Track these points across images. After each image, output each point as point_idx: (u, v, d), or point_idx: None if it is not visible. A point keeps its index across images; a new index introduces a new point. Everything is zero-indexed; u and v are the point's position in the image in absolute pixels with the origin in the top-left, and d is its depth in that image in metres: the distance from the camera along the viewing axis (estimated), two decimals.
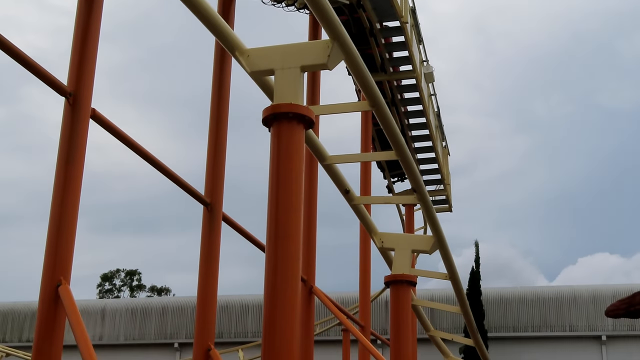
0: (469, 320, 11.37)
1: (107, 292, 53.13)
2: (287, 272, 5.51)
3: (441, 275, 9.81)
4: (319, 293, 12.06)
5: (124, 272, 54.22)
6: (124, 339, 32.87)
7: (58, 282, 6.99)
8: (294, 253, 5.57)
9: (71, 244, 7.24)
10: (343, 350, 22.87)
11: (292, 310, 5.45)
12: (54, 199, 7.29)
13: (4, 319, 34.53)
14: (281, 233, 5.59)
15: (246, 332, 31.87)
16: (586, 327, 29.68)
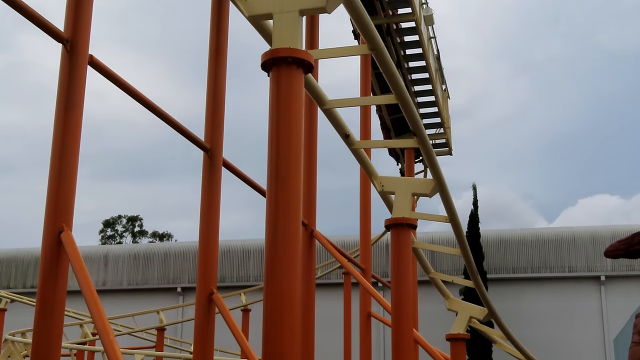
0: (468, 262, 11.45)
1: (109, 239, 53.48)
2: (288, 216, 5.54)
3: (441, 218, 9.84)
4: (320, 237, 12.14)
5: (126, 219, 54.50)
6: (127, 284, 33.20)
7: (60, 229, 7.04)
8: (294, 197, 5.59)
9: (72, 190, 7.27)
10: (344, 293, 23.10)
11: (294, 254, 5.50)
12: (54, 146, 7.30)
13: (7, 265, 34.82)
14: (281, 177, 5.61)
15: (248, 276, 32.16)
16: (585, 268, 29.94)
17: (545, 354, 23.35)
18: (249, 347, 9.89)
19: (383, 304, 12.74)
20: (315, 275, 12.68)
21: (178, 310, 29.99)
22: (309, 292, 11.41)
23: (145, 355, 19.99)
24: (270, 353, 5.30)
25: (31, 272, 34.04)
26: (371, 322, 16.42)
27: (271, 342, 5.33)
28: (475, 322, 12.88)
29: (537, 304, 29.34)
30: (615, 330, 26.73)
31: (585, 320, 28.92)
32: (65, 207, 7.17)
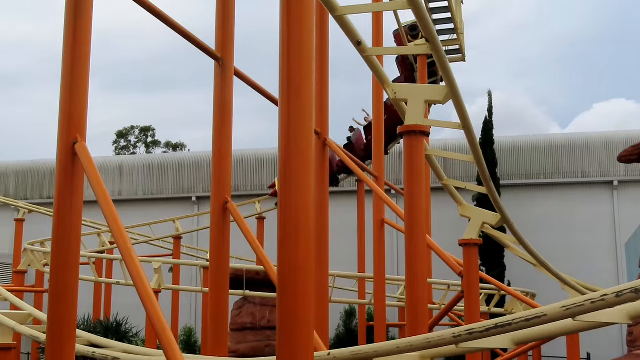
0: (481, 169, 11.47)
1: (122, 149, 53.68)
2: (300, 125, 5.54)
3: (454, 124, 9.82)
4: (333, 145, 12.17)
5: (138, 129, 54.57)
6: (142, 194, 33.51)
7: (74, 140, 7.08)
8: (306, 106, 5.58)
9: (84, 101, 7.28)
10: (358, 200, 23.28)
11: (307, 162, 5.52)
12: (65, 56, 7.27)
13: (24, 177, 35.14)
14: (293, 86, 5.58)
15: (262, 185, 32.36)
16: (598, 173, 29.94)
17: (557, 258, 23.56)
18: (264, 254, 10.05)
19: (396, 210, 12.84)
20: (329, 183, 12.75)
21: (194, 219, 30.33)
22: (322, 200, 11.50)
23: (163, 263, 20.35)
24: (285, 260, 5.39)
25: (47, 183, 34.35)
26: (385, 229, 16.59)
27: (286, 249, 5.41)
28: (488, 227, 12.99)
29: (550, 209, 29.48)
30: (626, 234, 26.89)
31: (597, 225, 29.08)
32: (78, 118, 7.20)
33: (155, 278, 18.54)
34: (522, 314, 5.43)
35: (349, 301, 22.46)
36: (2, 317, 11.37)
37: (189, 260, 27.30)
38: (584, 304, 5.08)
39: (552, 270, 15.02)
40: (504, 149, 30.35)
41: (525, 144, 30.90)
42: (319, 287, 10.89)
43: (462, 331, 5.79)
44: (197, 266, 22.25)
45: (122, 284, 19.83)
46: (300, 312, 5.24)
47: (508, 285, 23.19)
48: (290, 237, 5.40)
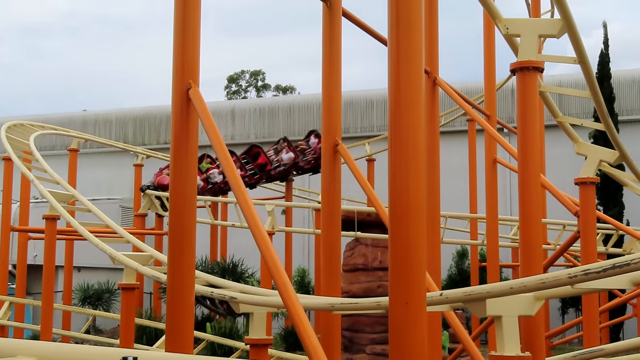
0: (598, 104, 11.09)
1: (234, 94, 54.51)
2: (410, 65, 5.49)
3: (569, 59, 9.50)
4: (443, 84, 11.99)
5: (249, 74, 55.19)
6: (254, 137, 34.01)
7: (188, 86, 7.23)
8: (416, 45, 5.51)
9: (197, 48, 7.41)
10: (469, 140, 22.99)
11: (417, 102, 5.47)
12: (176, 2, 7.40)
13: (140, 123, 36.21)
14: (402, 25, 5.51)
15: (372, 126, 32.31)
16: None
17: None
18: (375, 195, 10.09)
19: (509, 149, 12.61)
20: (439, 123, 12.62)
21: None
22: (433, 140, 11.40)
23: (276, 205, 20.73)
24: (397, 201, 5.39)
25: (163, 129, 35.30)
26: (497, 168, 16.35)
27: (397, 190, 5.41)
28: (606, 165, 12.62)
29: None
30: None
31: None
32: (191, 65, 7.34)
33: (269, 220, 18.92)
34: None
35: (461, 242, 22.36)
36: (126, 259, 11.88)
37: (301, 202, 27.68)
38: None
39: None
40: (622, 82, 29.20)
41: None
42: (431, 227, 10.87)
43: (578, 272, 5.67)
44: (309, 208, 22.61)
45: (237, 226, 20.34)
46: (412, 253, 5.26)
47: (626, 225, 22.54)
48: (401, 178, 5.39)
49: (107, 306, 26.49)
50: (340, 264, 9.99)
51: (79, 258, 25.44)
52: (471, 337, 9.69)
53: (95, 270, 28.48)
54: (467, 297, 6.50)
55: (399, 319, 5.20)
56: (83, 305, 25.99)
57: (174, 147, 7.31)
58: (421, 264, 5.28)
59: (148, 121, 36.12)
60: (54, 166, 17.12)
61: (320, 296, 9.81)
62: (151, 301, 27.33)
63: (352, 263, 19.89)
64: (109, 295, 26.96)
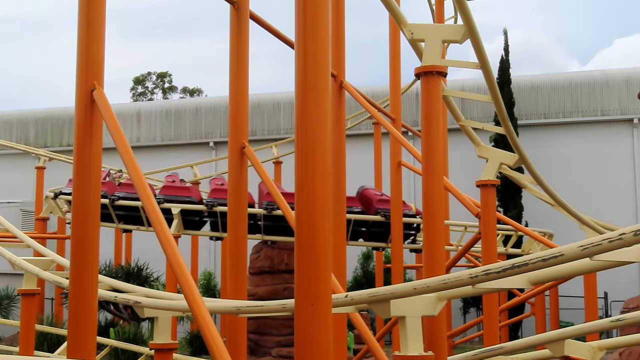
0: (499, 109, 11.40)
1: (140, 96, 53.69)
2: (316, 68, 5.53)
3: (472, 64, 9.73)
4: (349, 87, 12.11)
5: (155, 75, 54.47)
6: (160, 140, 33.61)
7: (92, 87, 7.09)
8: (323, 48, 5.56)
9: (101, 48, 7.27)
10: (374, 143, 23.28)
11: (323, 105, 5.52)
12: (81, 2, 7.25)
13: (43, 124, 35.27)
14: (309, 28, 5.55)
15: (279, 129, 32.35)
16: (618, 111, 29.66)
17: (575, 198, 23.52)
18: (281, 198, 10.10)
19: (413, 152, 12.84)
20: (346, 126, 12.74)
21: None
22: (339, 142, 11.50)
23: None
24: (303, 203, 5.42)
25: (67, 131, 34.48)
26: (402, 170, 16.61)
27: (304, 192, 5.44)
28: (506, 168, 12.98)
29: (568, 149, 29.30)
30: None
31: (616, 163, 28.90)
32: (96, 66, 7.20)
33: (175, 223, 18.71)
34: (539, 254, 5.46)
35: (366, 244, 22.61)
36: (26, 264, 11.55)
37: None
38: (601, 243, 5.09)
39: (569, 210, 15.03)
40: (521, 88, 30.09)
41: (544, 82, 30.61)
42: (337, 229, 10.96)
43: (479, 272, 5.83)
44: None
45: (142, 229, 20.04)
46: (318, 255, 5.29)
47: (525, 226, 23.23)
48: (307, 181, 5.43)
49: (7, 313, 25.71)
50: (246, 267, 9.96)
51: None
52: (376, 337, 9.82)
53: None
54: (372, 299, 6.59)
55: (304, 321, 5.23)
56: None
57: (77, 150, 7.15)
58: (327, 266, 5.33)
59: (51, 123, 35.22)
60: None
61: (226, 299, 9.76)
62: (52, 307, 26.65)
63: (258, 266, 19.86)
64: (8, 301, 26.18)
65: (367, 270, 27.30)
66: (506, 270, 5.65)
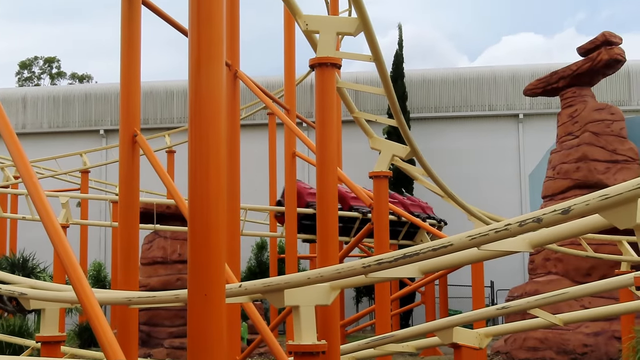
0: (392, 101, 11.56)
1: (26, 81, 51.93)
2: (210, 56, 5.46)
3: (365, 57, 9.82)
4: (244, 77, 12.05)
5: (43, 60, 52.79)
6: (47, 127, 32.63)
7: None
8: (217, 37, 5.49)
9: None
10: (269, 133, 23.25)
11: (217, 94, 5.46)
12: None
13: None
14: (203, 17, 5.47)
15: (172, 118, 31.92)
16: (505, 107, 30.63)
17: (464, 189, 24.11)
18: (174, 187, 9.97)
19: (308, 143, 12.88)
20: (240, 116, 12.68)
21: (102, 153, 29.77)
22: (233, 132, 11.43)
23: (71, 197, 19.97)
24: (197, 193, 5.35)
25: None
26: (296, 161, 16.66)
27: (197, 182, 5.38)
28: (398, 160, 13.18)
29: (458, 141, 30.06)
30: (531, 166, 27.73)
31: (503, 156, 29.86)
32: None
33: (63, 213, 18.21)
34: (429, 244, 5.57)
35: (260, 234, 22.59)
36: None
37: (97, 194, 26.87)
38: (488, 233, 5.23)
39: (458, 202, 15.40)
40: (414, 82, 30.67)
41: (435, 77, 31.28)
42: (231, 220, 10.90)
43: (371, 261, 5.90)
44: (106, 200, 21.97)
45: (28, 219, 19.41)
46: (211, 245, 5.24)
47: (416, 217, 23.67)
48: (201, 170, 5.36)
49: None
50: (138, 257, 9.79)
51: None
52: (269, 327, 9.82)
53: None
54: (266, 288, 6.58)
55: (198, 312, 5.18)
56: None
57: None
58: (220, 256, 5.28)
59: None
60: None
61: (116, 290, 9.57)
62: None
63: (150, 256, 19.59)
64: None
65: (261, 261, 27.31)
66: (398, 259, 5.74)
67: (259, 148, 25.02)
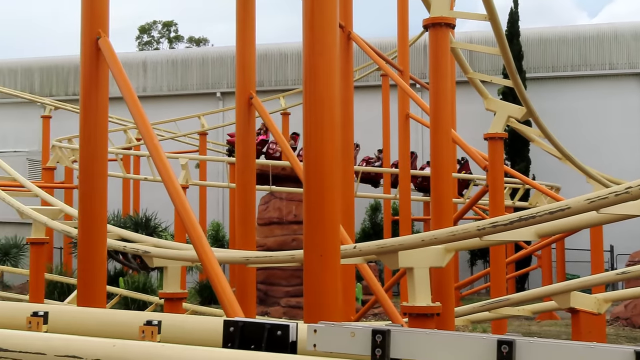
0: (507, 61, 11.32)
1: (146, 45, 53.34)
2: (324, 18, 5.48)
3: (480, 16, 9.64)
4: (357, 39, 12.02)
5: (161, 24, 54.05)
6: (167, 90, 33.48)
7: (97, 35, 7.05)
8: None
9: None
10: (382, 95, 23.16)
11: (331, 56, 5.48)
12: None
13: (48, 73, 35.14)
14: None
15: (286, 80, 32.19)
16: (626, 65, 29.41)
17: (582, 152, 23.40)
18: (289, 149, 10.10)
19: (421, 105, 12.78)
20: (353, 77, 12.68)
21: (219, 115, 30.35)
22: (346, 94, 11.45)
23: (190, 159, 20.55)
24: (311, 155, 5.42)
25: (72, 80, 34.33)
26: (409, 123, 16.55)
27: (312, 144, 5.44)
28: (513, 121, 12.94)
29: (576, 102, 29.11)
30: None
31: (624, 118, 28.73)
32: (100, 14, 7.15)
33: (183, 174, 18.77)
34: (546, 207, 5.48)
35: (374, 196, 22.65)
36: (34, 213, 11.62)
37: (215, 156, 27.48)
38: (607, 196, 5.10)
39: (576, 163, 15.01)
40: (530, 41, 29.81)
41: (552, 35, 30.31)
42: (345, 181, 10.97)
43: (486, 224, 5.85)
44: (224, 162, 22.47)
45: (150, 179, 20.09)
46: (326, 207, 5.31)
47: (532, 179, 23.22)
48: (315, 132, 5.42)
49: (15, 261, 25.89)
50: (255, 218, 10.01)
51: None
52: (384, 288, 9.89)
53: (2, 225, 27.76)
54: (380, 250, 6.62)
55: (313, 272, 5.27)
56: None
57: (83, 98, 7.14)
58: (335, 217, 5.35)
59: (56, 71, 35.06)
60: None
61: (235, 250, 9.82)
62: (61, 256, 26.86)
63: (266, 217, 19.95)
64: (17, 250, 26.34)
65: (375, 222, 27.37)
66: (513, 222, 5.67)
67: (372, 110, 24.96)
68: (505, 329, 12.35)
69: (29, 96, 28.81)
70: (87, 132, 7.08)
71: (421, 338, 2.39)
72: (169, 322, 3.41)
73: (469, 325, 12.56)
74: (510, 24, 28.62)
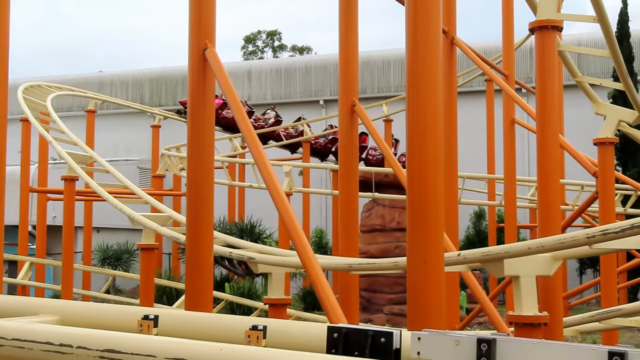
0: (618, 64, 10.97)
1: (250, 54, 54.27)
2: (427, 24, 5.45)
3: (589, 18, 9.39)
4: (461, 44, 11.89)
5: (265, 34, 54.90)
6: (271, 98, 33.94)
7: (204, 46, 7.21)
8: (433, 4, 5.47)
9: (213, 6, 7.39)
10: (487, 100, 22.83)
11: (434, 62, 5.44)
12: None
13: (157, 84, 36.19)
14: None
15: (389, 86, 32.16)
16: None
17: None
18: (392, 156, 10.08)
19: (527, 110, 12.53)
20: (457, 83, 12.54)
21: (322, 122, 30.59)
22: (450, 100, 11.34)
23: (293, 166, 20.75)
24: (415, 161, 5.39)
25: (180, 90, 35.25)
26: (515, 128, 16.26)
27: (415, 150, 5.41)
28: (625, 125, 12.53)
29: None
30: None
31: None
32: (207, 25, 7.32)
33: (286, 181, 18.96)
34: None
35: (478, 202, 22.32)
36: (145, 219, 11.95)
37: (318, 163, 27.69)
38: None
39: None
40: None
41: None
42: (448, 188, 10.86)
43: (596, 232, 5.67)
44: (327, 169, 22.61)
45: (255, 187, 20.39)
46: (430, 214, 5.27)
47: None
48: (419, 139, 5.38)
49: (127, 266, 26.69)
50: (357, 225, 10.02)
51: (98, 219, 25.60)
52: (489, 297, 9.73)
53: (114, 230, 28.69)
54: (485, 258, 6.52)
55: (417, 279, 5.23)
56: (102, 265, 26.19)
57: (191, 108, 7.32)
58: (439, 224, 5.29)
59: (165, 82, 36.09)
60: (72, 127, 17.12)
61: (338, 257, 9.85)
62: (170, 262, 27.56)
63: (369, 224, 19.94)
64: (128, 255, 27.15)
65: (479, 230, 26.99)
66: (625, 230, 5.48)
67: (477, 115, 24.65)
68: (617, 341, 11.96)
69: (139, 106, 29.73)
70: (195, 140, 7.24)
71: (528, 348, 2.34)
72: (273, 327, 3.45)
73: (578, 336, 12.22)
74: (619, 25, 27.74)
